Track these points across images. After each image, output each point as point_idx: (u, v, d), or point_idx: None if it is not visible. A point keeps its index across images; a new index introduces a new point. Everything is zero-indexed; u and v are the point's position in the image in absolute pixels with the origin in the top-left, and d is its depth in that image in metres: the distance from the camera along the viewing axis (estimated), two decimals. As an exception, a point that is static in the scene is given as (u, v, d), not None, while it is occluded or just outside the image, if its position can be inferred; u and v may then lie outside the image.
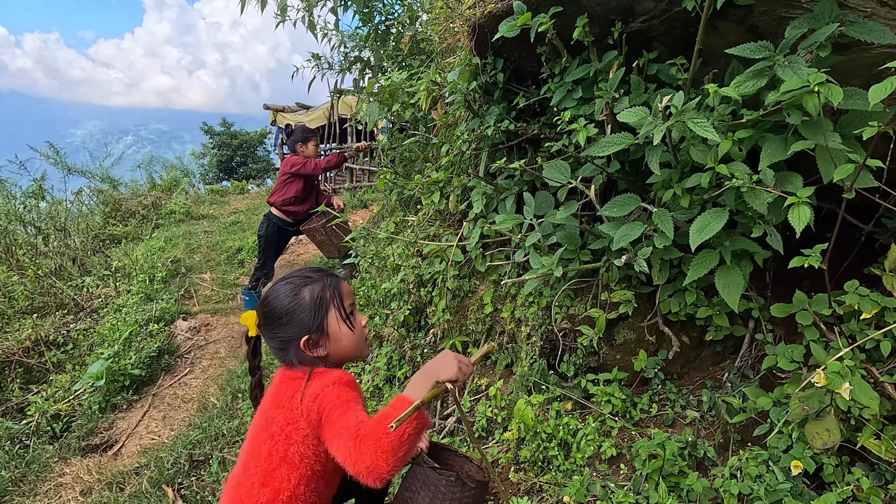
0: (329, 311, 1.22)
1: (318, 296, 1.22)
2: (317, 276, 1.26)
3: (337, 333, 1.23)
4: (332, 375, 1.17)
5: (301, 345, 1.19)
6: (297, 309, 1.20)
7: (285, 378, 1.23)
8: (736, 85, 1.25)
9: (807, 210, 1.12)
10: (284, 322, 1.20)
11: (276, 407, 1.19)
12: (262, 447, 1.17)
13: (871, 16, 1.23)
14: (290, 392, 1.18)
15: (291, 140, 4.25)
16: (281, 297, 1.22)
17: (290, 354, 1.22)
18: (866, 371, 1.30)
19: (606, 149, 1.49)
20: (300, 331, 1.20)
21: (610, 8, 1.59)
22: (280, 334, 1.21)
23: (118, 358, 3.56)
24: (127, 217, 7.71)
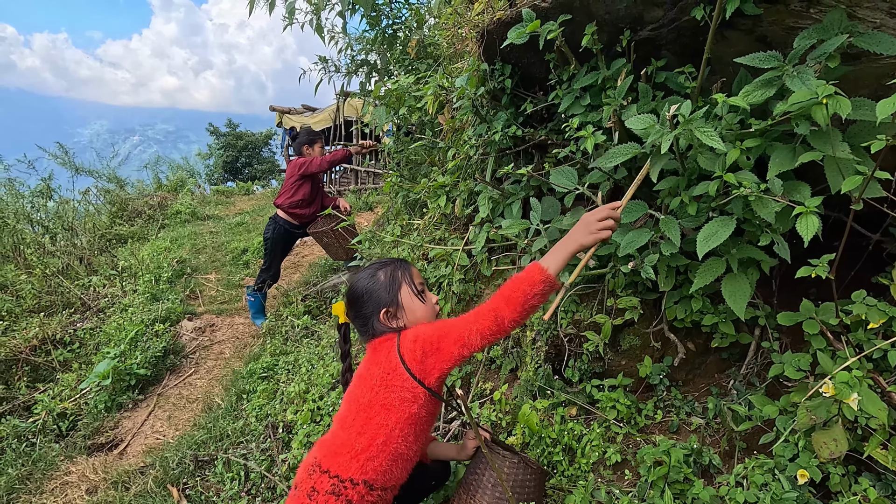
0: (402, 287, 1.38)
1: (391, 275, 1.39)
2: (389, 261, 1.44)
3: (411, 306, 1.38)
4: (420, 326, 1.33)
5: (381, 317, 1.35)
6: (374, 288, 1.38)
7: (376, 344, 1.38)
8: (744, 94, 1.26)
9: (815, 220, 1.12)
10: (365, 300, 1.37)
11: (373, 365, 1.34)
12: (362, 398, 1.32)
13: (881, 27, 1.24)
14: (385, 350, 1.32)
15: (297, 143, 4.25)
16: (361, 281, 1.40)
17: (373, 327, 1.37)
18: (874, 381, 1.29)
19: (613, 160, 1.50)
20: (379, 305, 1.36)
21: (619, 16, 1.60)
22: (363, 311, 1.37)
23: (124, 357, 3.58)
24: (133, 217, 7.76)
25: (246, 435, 2.94)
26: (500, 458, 1.41)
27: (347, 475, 1.26)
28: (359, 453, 1.27)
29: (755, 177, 1.31)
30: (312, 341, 3.81)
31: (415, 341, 1.28)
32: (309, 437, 2.63)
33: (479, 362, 2.58)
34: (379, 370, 1.31)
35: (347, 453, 1.28)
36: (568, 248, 1.30)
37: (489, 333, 1.21)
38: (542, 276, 1.24)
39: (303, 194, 4.17)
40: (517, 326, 1.24)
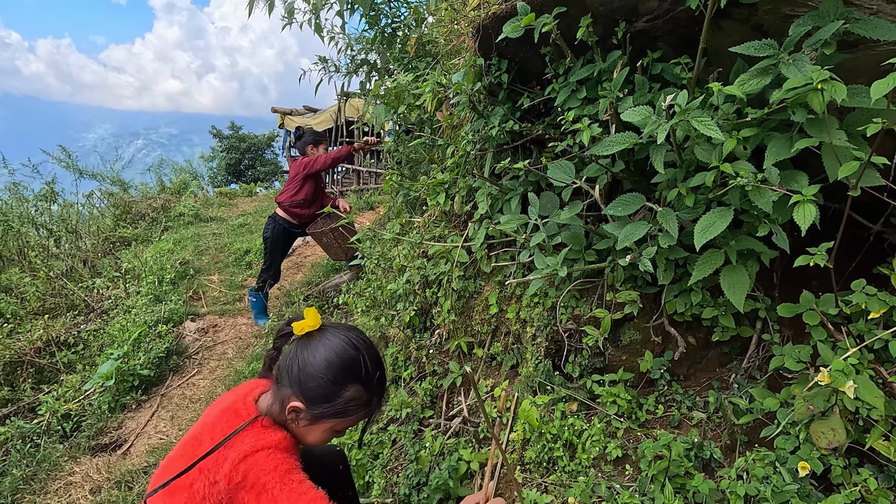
0: (336, 420, 1.09)
1: (351, 407, 1.07)
2: (374, 388, 1.10)
3: (317, 432, 1.10)
4: (273, 437, 1.04)
5: (288, 403, 1.06)
6: (328, 388, 1.05)
7: (230, 408, 1.11)
8: (740, 83, 1.25)
9: (812, 208, 1.11)
10: (311, 376, 1.05)
11: (213, 427, 1.09)
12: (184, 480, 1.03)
13: (877, 13, 1.22)
14: (229, 423, 1.08)
15: (302, 143, 4.27)
16: (335, 362, 1.05)
17: (276, 392, 1.10)
18: (874, 371, 1.28)
19: (610, 148, 1.49)
20: (303, 398, 1.06)
21: (613, 8, 1.59)
22: (298, 373, 1.06)
23: (127, 358, 3.60)
24: (137, 219, 7.80)
25: (248, 434, 2.95)
26: None
27: None
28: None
29: (752, 166, 1.29)
30: (314, 341, 3.81)
31: (241, 460, 0.99)
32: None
33: (479, 359, 2.58)
34: (208, 445, 1.05)
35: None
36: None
37: None
38: None
39: (305, 194, 4.19)
40: None
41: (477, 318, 2.58)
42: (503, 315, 2.48)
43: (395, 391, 2.78)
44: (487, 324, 2.54)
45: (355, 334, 1.11)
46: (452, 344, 2.62)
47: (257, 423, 1.08)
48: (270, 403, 1.12)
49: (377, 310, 3.15)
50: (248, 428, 1.05)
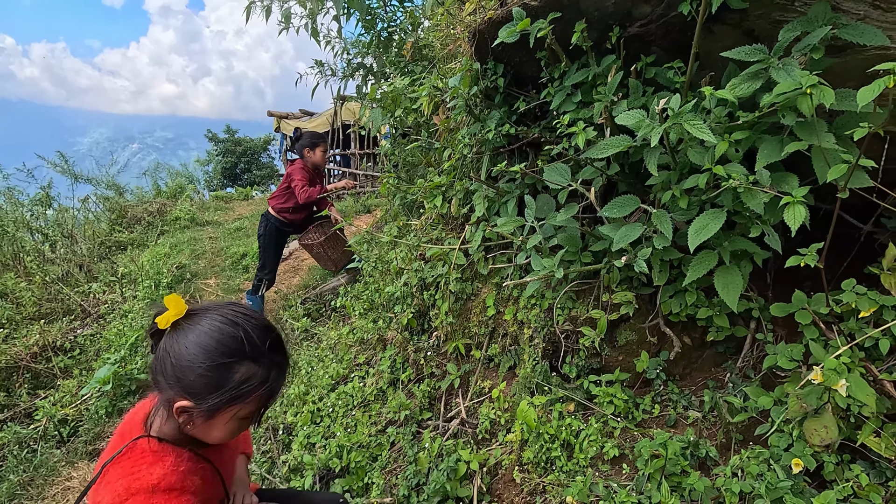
0: (237, 404, 0.93)
1: (247, 388, 0.92)
2: (268, 361, 0.95)
3: (219, 425, 0.95)
4: (151, 477, 0.90)
5: (175, 405, 0.91)
6: (212, 376, 0.90)
7: (127, 421, 1.01)
8: (731, 87, 1.27)
9: (802, 209, 1.13)
10: (188, 368, 0.90)
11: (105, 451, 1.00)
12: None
13: (864, 18, 1.25)
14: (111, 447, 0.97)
15: (299, 145, 4.24)
16: (212, 346, 0.90)
17: (161, 400, 0.96)
18: (865, 369, 1.30)
19: (605, 151, 1.52)
20: (187, 395, 0.90)
21: (608, 13, 1.62)
22: (174, 369, 0.91)
23: (125, 363, 3.59)
24: (132, 224, 7.78)
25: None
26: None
27: None
28: None
29: (744, 169, 1.32)
30: (312, 344, 3.81)
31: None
32: (309, 439, 2.64)
33: (477, 361, 2.60)
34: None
35: None
36: None
37: None
38: None
39: (294, 203, 4.18)
40: None
41: (474, 320, 2.60)
42: (500, 317, 2.50)
43: (394, 393, 2.79)
44: (485, 325, 2.56)
45: (230, 309, 0.95)
46: (450, 346, 2.63)
47: (137, 447, 0.94)
48: (157, 415, 0.99)
49: (375, 312, 3.16)
50: (127, 457, 0.93)
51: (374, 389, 2.83)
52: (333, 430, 2.61)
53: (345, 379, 3.03)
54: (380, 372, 2.85)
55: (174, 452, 0.96)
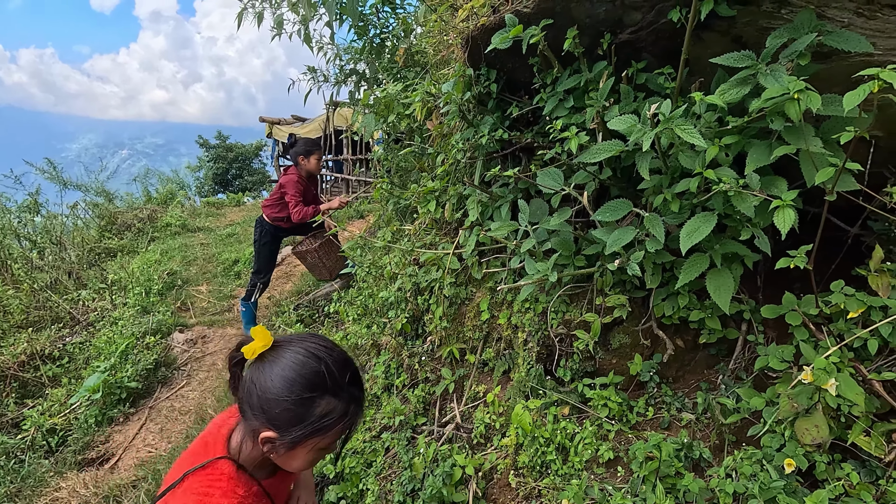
0: (318, 436, 0.96)
1: (328, 423, 0.95)
2: (347, 395, 0.98)
3: (300, 456, 0.98)
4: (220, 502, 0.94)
5: (259, 438, 0.95)
6: (296, 410, 0.94)
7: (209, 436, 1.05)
8: (721, 93, 1.30)
9: (791, 212, 1.15)
10: (274, 402, 0.94)
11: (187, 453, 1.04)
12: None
13: (849, 26, 1.28)
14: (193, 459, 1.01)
15: (294, 151, 4.16)
16: (297, 381, 0.94)
17: (245, 426, 1.01)
18: (855, 369, 1.32)
19: (597, 155, 1.53)
20: (272, 426, 0.94)
21: (599, 20, 1.64)
22: (260, 400, 0.95)
23: (114, 371, 3.55)
24: (122, 230, 7.71)
25: (239, 445, 2.92)
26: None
27: None
28: None
29: (734, 173, 1.34)
30: (305, 350, 3.79)
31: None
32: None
33: (472, 365, 2.60)
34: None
35: None
36: None
37: None
38: None
39: (287, 213, 4.13)
40: None
41: (469, 325, 2.60)
42: (495, 321, 2.50)
43: (388, 399, 2.78)
44: (479, 330, 2.56)
45: (313, 342, 0.99)
46: (444, 350, 2.63)
47: (218, 468, 0.98)
48: (241, 439, 1.03)
49: (369, 318, 3.15)
50: (206, 473, 0.97)
51: (369, 395, 2.82)
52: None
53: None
54: (374, 377, 2.84)
55: (246, 485, 1.00)
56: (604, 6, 1.57)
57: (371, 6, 4.74)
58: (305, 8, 3.75)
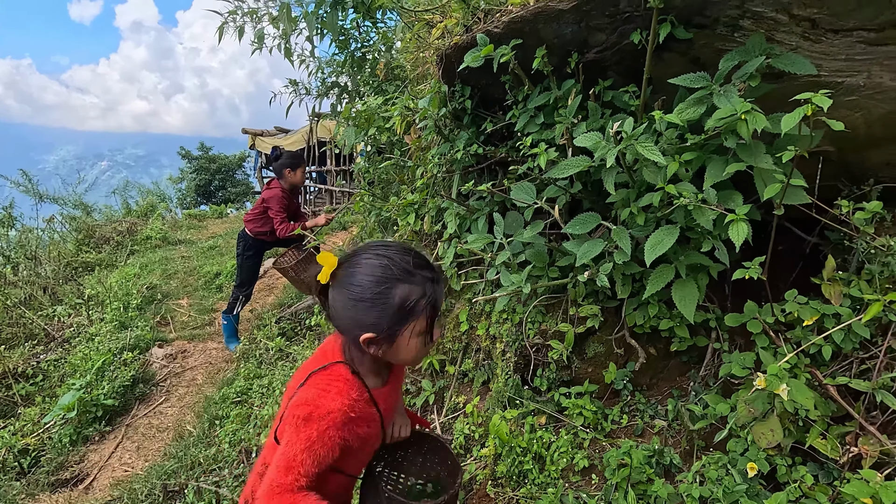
0: (410, 323, 1.04)
1: (411, 305, 1.02)
2: (420, 277, 1.04)
3: (404, 345, 1.06)
4: (333, 403, 1.05)
5: (361, 339, 1.03)
6: (377, 305, 1.01)
7: (324, 349, 1.16)
8: (679, 111, 1.36)
9: (744, 226, 1.21)
10: (358, 306, 1.02)
11: (290, 390, 1.14)
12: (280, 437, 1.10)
13: (797, 49, 1.36)
14: (313, 366, 1.12)
15: (279, 164, 4.11)
16: (369, 280, 1.02)
17: (343, 330, 1.09)
18: (811, 374, 1.38)
19: (566, 171, 1.58)
20: (367, 327, 1.03)
21: (566, 40, 1.70)
22: (349, 314, 1.04)
23: (90, 388, 3.48)
24: (101, 244, 7.58)
25: (219, 462, 2.89)
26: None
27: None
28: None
29: (694, 188, 1.40)
30: (287, 363, 3.77)
31: (302, 405, 1.04)
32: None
33: (451, 376, 2.62)
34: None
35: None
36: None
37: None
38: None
39: (270, 227, 4.10)
40: None
41: (448, 336, 2.63)
42: (474, 332, 2.53)
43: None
44: (459, 341, 2.58)
45: (372, 248, 1.08)
46: (424, 362, 2.65)
47: (337, 369, 1.10)
48: (350, 351, 1.13)
49: (350, 330, 3.15)
50: (327, 372, 1.09)
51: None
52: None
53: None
54: (355, 390, 2.83)
55: (358, 390, 1.10)
56: (570, 27, 1.63)
57: (352, 20, 4.79)
58: (285, 23, 3.79)
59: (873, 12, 1.20)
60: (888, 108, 1.40)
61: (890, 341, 1.34)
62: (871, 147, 1.54)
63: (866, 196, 1.61)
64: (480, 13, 1.95)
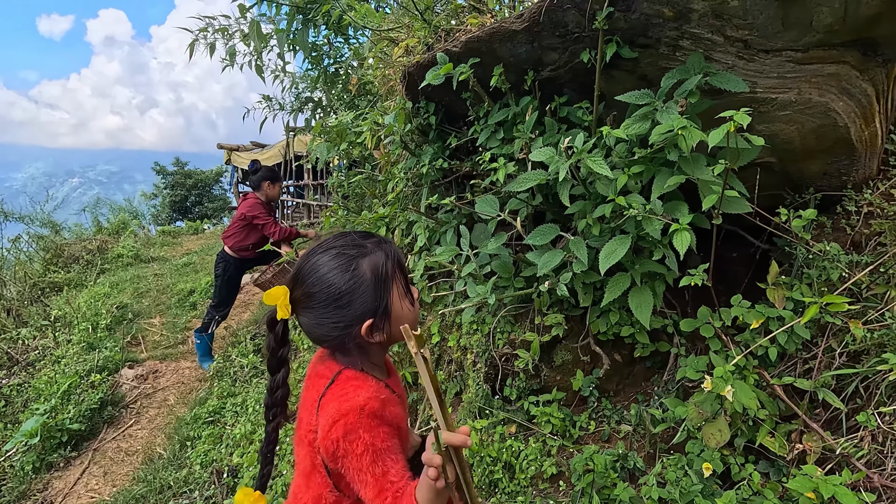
0: (392, 288, 1.01)
1: (382, 270, 1.00)
2: (373, 245, 1.03)
3: (399, 313, 1.02)
4: (358, 398, 0.96)
5: (363, 331, 0.99)
6: (357, 288, 0.98)
7: (314, 374, 1.08)
8: (625, 127, 1.42)
9: (687, 234, 1.27)
10: (342, 305, 0.98)
11: (304, 408, 1.05)
12: (299, 450, 1.05)
13: (733, 67, 1.44)
14: (314, 394, 1.03)
15: (258, 177, 4.11)
16: (334, 275, 0.98)
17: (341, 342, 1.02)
18: (759, 376, 1.44)
19: (524, 184, 1.63)
20: (363, 315, 0.98)
21: (521, 59, 1.77)
22: (333, 319, 0.99)
23: (55, 413, 3.38)
24: (70, 263, 7.38)
25: (189, 484, 2.83)
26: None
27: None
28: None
29: (643, 199, 1.46)
30: (262, 381, 3.72)
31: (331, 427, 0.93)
32: (255, 480, 2.56)
33: (423, 389, 2.62)
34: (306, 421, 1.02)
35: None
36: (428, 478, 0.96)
37: None
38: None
39: (254, 238, 4.05)
40: None
41: (420, 348, 2.64)
42: (445, 343, 2.55)
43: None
44: (431, 353, 2.60)
45: (311, 253, 1.05)
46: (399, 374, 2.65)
47: (342, 376, 1.02)
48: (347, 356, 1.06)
49: (323, 345, 3.14)
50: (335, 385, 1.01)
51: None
52: (281, 468, 2.55)
53: (293, 415, 2.96)
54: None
55: (373, 380, 1.03)
56: (524, 47, 1.69)
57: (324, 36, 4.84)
58: (255, 41, 3.81)
59: (797, 34, 1.29)
60: (819, 122, 1.49)
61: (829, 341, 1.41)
62: (808, 158, 1.64)
63: (807, 204, 1.70)
64: (441, 32, 2.01)
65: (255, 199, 4.08)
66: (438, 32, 2.01)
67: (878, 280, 1.47)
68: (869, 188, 1.71)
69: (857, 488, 1.21)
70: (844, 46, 1.35)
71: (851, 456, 1.26)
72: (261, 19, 4.32)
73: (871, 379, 1.36)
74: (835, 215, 1.76)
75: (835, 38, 1.31)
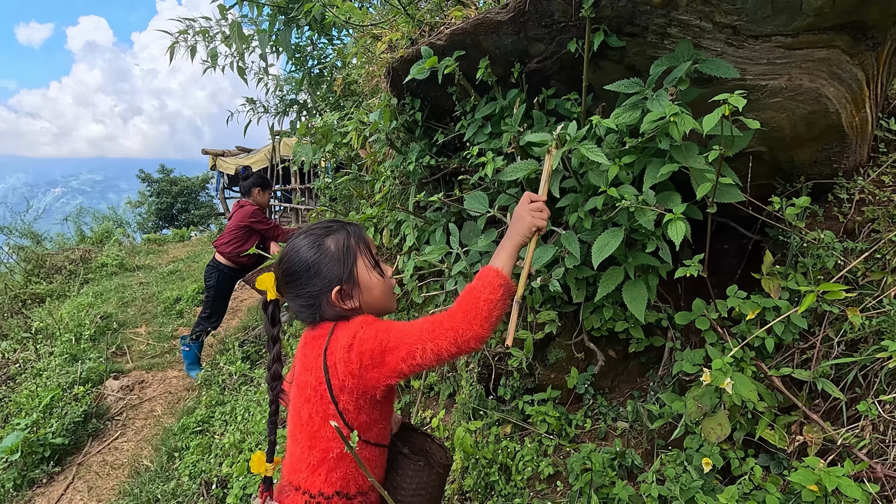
0: (357, 260, 1.16)
1: (345, 244, 1.16)
2: (338, 226, 1.19)
3: (368, 282, 1.16)
4: (356, 321, 1.12)
5: (333, 297, 1.12)
6: (323, 259, 1.14)
7: (310, 339, 1.18)
8: (615, 116, 1.39)
9: (682, 224, 1.24)
10: (312, 275, 1.13)
11: (305, 371, 1.15)
12: (303, 412, 1.13)
13: (722, 54, 1.42)
14: (317, 351, 1.13)
15: (248, 183, 4.04)
16: (303, 250, 1.14)
17: (319, 310, 1.15)
18: (757, 367, 1.42)
19: (514, 174, 1.59)
20: (330, 282, 1.13)
21: (507, 51, 1.73)
22: (308, 289, 1.14)
23: (37, 427, 3.27)
24: (52, 273, 7.21)
25: (178, 496, 2.75)
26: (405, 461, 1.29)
27: (317, 489, 1.13)
28: (316, 467, 1.13)
29: (635, 190, 1.43)
30: (251, 388, 3.64)
31: (349, 349, 1.07)
32: (245, 490, 2.49)
33: (417, 391, 2.57)
34: (313, 377, 1.13)
35: (306, 469, 1.14)
36: (512, 243, 1.17)
37: (447, 355, 1.02)
38: (500, 280, 1.06)
39: (251, 243, 3.97)
40: (480, 345, 1.03)
41: (412, 350, 2.59)
42: (437, 344, 2.50)
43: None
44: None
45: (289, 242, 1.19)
46: (389, 378, 2.59)
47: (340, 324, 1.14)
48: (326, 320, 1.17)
49: (313, 350, 3.08)
50: (336, 329, 1.13)
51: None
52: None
53: (284, 422, 2.90)
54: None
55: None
56: (509, 38, 1.66)
57: (307, 37, 4.78)
58: (236, 42, 3.74)
59: (787, 19, 1.27)
60: (809, 109, 1.47)
61: (826, 330, 1.38)
62: (798, 146, 1.62)
63: (798, 193, 1.69)
64: (426, 26, 1.97)
65: (252, 205, 4.02)
66: (423, 27, 1.97)
67: (873, 267, 1.46)
68: (860, 175, 1.70)
69: (860, 479, 1.18)
70: (834, 30, 1.32)
71: (853, 446, 1.24)
72: (242, 20, 4.25)
73: (870, 367, 1.34)
74: (826, 203, 1.74)
75: (824, 22, 1.29)
